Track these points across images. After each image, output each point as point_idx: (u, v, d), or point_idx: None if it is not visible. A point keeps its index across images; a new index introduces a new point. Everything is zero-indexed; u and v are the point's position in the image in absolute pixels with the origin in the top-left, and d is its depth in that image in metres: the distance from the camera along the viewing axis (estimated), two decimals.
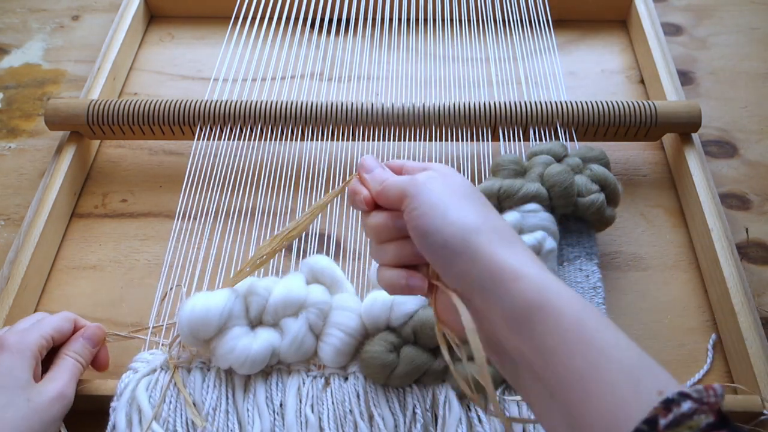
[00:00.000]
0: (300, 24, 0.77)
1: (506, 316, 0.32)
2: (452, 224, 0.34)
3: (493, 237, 0.34)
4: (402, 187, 0.37)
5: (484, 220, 0.35)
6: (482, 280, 0.33)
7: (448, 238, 0.34)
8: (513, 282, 0.32)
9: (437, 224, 0.34)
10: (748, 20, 0.85)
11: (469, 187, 0.38)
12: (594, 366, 0.28)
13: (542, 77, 0.73)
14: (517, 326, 0.31)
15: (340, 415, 0.47)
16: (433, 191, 0.36)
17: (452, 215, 0.34)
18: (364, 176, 0.41)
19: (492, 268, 0.32)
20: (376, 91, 0.75)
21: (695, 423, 0.25)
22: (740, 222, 0.64)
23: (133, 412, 0.47)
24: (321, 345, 0.49)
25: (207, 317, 0.47)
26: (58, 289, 0.60)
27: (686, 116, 0.64)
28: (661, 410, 0.26)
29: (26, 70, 0.80)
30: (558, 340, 0.30)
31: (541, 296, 0.31)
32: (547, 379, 0.30)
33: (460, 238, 0.34)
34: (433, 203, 0.35)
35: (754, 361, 0.51)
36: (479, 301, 0.33)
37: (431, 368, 0.48)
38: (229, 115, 0.64)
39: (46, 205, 0.60)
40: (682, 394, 0.26)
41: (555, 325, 0.30)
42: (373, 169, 0.41)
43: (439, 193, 0.36)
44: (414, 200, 0.36)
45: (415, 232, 0.35)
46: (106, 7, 0.87)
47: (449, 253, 0.34)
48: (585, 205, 0.55)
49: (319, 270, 0.52)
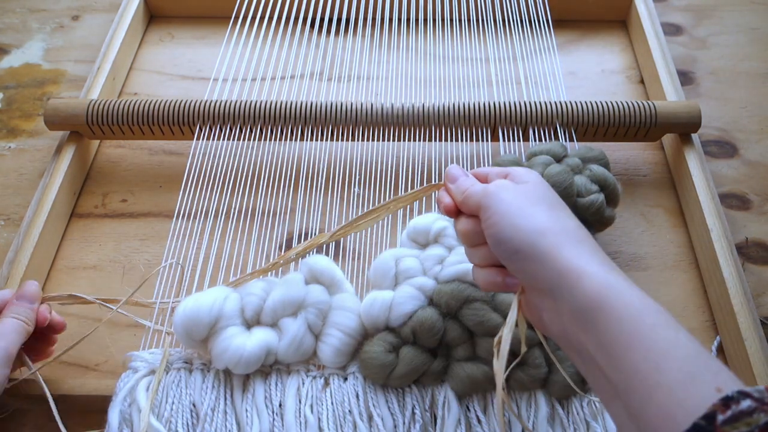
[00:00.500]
0: (300, 24, 0.77)
1: (573, 313, 0.34)
2: (521, 231, 0.36)
3: (560, 239, 0.36)
4: (477, 198, 0.40)
5: (553, 223, 0.37)
6: (551, 280, 0.35)
7: (518, 245, 0.36)
8: (577, 281, 0.34)
9: (508, 232, 0.37)
10: (748, 20, 0.85)
11: (540, 190, 0.40)
12: (653, 364, 0.29)
13: (542, 77, 0.73)
14: (583, 323, 0.33)
15: (340, 416, 0.47)
16: (503, 201, 0.38)
17: (521, 222, 0.37)
18: (449, 186, 0.44)
19: (559, 269, 0.35)
20: (376, 91, 0.75)
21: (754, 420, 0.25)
22: (740, 222, 0.64)
23: (133, 412, 0.46)
24: (320, 345, 0.49)
25: (198, 316, 0.47)
26: (57, 289, 0.59)
27: (686, 116, 0.64)
28: (720, 407, 0.26)
29: (26, 70, 0.80)
30: (617, 337, 0.31)
31: (602, 294, 0.33)
32: (609, 375, 0.31)
33: (529, 242, 0.36)
34: (503, 212, 0.38)
35: (754, 361, 0.51)
36: (551, 300, 0.36)
37: (430, 369, 0.48)
38: (229, 115, 0.64)
39: (45, 205, 0.60)
40: (741, 393, 0.27)
41: (616, 322, 0.32)
42: (457, 178, 0.43)
43: (509, 202, 0.38)
44: (487, 211, 0.39)
45: (491, 240, 0.38)
46: (106, 7, 0.87)
47: (521, 257, 0.36)
48: (584, 206, 0.55)
49: (318, 270, 0.51)
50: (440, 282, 0.50)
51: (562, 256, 0.35)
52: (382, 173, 0.64)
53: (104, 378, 0.52)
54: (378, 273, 0.52)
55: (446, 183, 0.44)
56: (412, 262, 0.51)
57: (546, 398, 0.48)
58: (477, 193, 0.40)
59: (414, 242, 0.54)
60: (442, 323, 0.48)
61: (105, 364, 0.55)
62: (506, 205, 0.38)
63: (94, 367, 0.55)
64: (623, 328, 0.31)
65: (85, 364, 0.55)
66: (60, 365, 0.55)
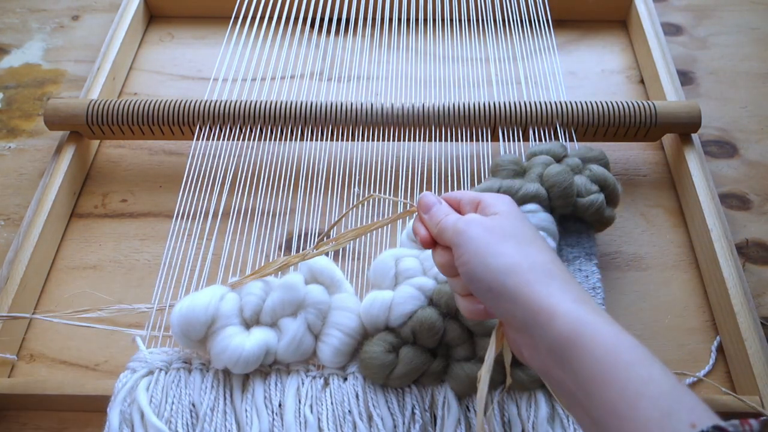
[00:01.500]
0: (300, 24, 0.77)
1: (549, 351, 0.34)
2: (491, 270, 0.37)
3: (530, 276, 0.36)
4: (449, 236, 0.40)
5: (522, 258, 0.37)
6: (524, 320, 0.35)
7: (489, 284, 0.37)
8: (550, 320, 0.34)
9: (479, 272, 0.37)
10: (748, 20, 0.85)
11: (510, 222, 0.39)
12: (627, 401, 0.30)
13: (542, 77, 0.73)
14: (559, 361, 0.33)
15: (339, 416, 0.47)
16: (473, 238, 0.38)
17: (491, 261, 0.37)
18: (422, 216, 0.43)
19: (531, 308, 0.35)
20: (376, 91, 0.75)
21: None
22: (740, 222, 0.64)
23: (133, 412, 0.46)
24: (320, 345, 0.49)
25: (193, 315, 0.47)
26: (57, 289, 0.60)
27: (686, 116, 0.64)
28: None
29: (26, 70, 0.80)
30: (594, 375, 0.32)
31: (577, 333, 0.33)
32: (588, 411, 0.32)
33: (499, 282, 0.36)
34: (474, 251, 0.38)
35: (754, 361, 0.51)
36: (528, 336, 0.36)
37: (430, 369, 0.48)
38: (229, 115, 0.64)
39: (45, 205, 0.60)
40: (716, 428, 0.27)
41: (591, 360, 0.32)
42: (430, 207, 0.43)
43: (479, 239, 0.38)
44: (458, 249, 0.39)
45: (464, 279, 0.39)
46: (106, 7, 0.87)
47: (494, 296, 0.37)
48: (584, 206, 0.55)
49: (318, 270, 0.51)
50: (440, 282, 0.50)
51: (533, 294, 0.35)
52: (382, 173, 0.64)
53: (104, 378, 0.52)
54: (378, 273, 0.52)
55: (419, 213, 0.44)
56: (412, 262, 0.51)
57: (546, 398, 0.48)
58: (449, 228, 0.40)
59: (414, 242, 0.54)
60: (442, 323, 0.48)
61: (105, 364, 0.55)
62: (476, 244, 0.38)
63: (94, 367, 0.55)
64: (598, 366, 0.31)
65: (85, 364, 0.55)
66: (60, 365, 0.55)
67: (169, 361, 0.49)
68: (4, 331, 0.54)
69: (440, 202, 0.43)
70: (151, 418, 0.45)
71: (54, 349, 0.55)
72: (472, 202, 0.42)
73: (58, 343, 0.56)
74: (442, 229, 0.41)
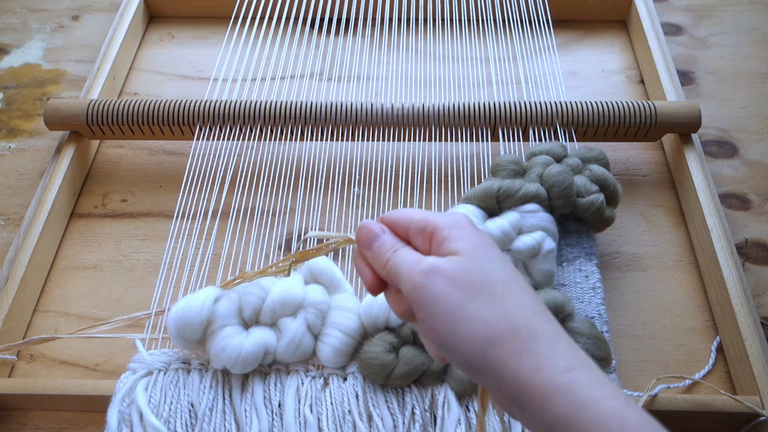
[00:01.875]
0: (300, 24, 0.77)
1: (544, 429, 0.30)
2: (466, 341, 0.31)
3: (514, 345, 0.31)
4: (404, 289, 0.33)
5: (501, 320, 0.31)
6: (513, 397, 0.31)
7: (466, 357, 0.31)
8: (543, 401, 0.30)
9: (450, 342, 0.31)
10: (748, 20, 0.85)
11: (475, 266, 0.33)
12: None
13: (542, 77, 0.73)
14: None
15: (339, 416, 0.47)
16: (437, 297, 0.32)
17: (463, 330, 0.31)
18: (365, 253, 0.36)
19: (519, 386, 0.30)
20: (376, 91, 0.75)
21: None
22: (740, 222, 0.64)
23: (132, 412, 0.46)
24: (320, 345, 0.49)
25: (189, 317, 0.47)
26: (57, 289, 0.60)
27: (686, 116, 0.64)
28: None
29: (26, 70, 0.80)
30: None
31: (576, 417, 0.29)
32: None
33: (478, 355, 0.31)
34: (440, 315, 0.32)
35: (754, 361, 0.51)
36: (517, 412, 0.31)
37: (430, 369, 0.48)
38: (229, 115, 0.64)
39: (45, 205, 0.60)
40: None
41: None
42: (372, 242, 0.36)
43: (444, 300, 0.32)
44: (420, 310, 0.32)
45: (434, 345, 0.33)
46: (106, 7, 0.87)
47: (473, 370, 0.32)
48: (584, 206, 0.55)
49: (317, 270, 0.51)
50: None
51: (520, 370, 0.30)
52: (382, 173, 0.64)
53: (104, 378, 0.52)
54: None
55: (360, 250, 0.36)
56: None
57: None
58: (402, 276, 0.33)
59: None
60: None
61: (105, 364, 0.55)
62: (442, 306, 0.31)
63: (94, 368, 0.55)
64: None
65: (85, 364, 0.55)
66: (60, 365, 0.55)
67: (168, 362, 0.49)
68: (5, 332, 0.54)
69: (383, 232, 0.36)
70: (149, 418, 0.45)
71: (54, 349, 0.55)
72: (424, 232, 0.35)
73: (58, 343, 0.56)
74: (391, 273, 0.34)
